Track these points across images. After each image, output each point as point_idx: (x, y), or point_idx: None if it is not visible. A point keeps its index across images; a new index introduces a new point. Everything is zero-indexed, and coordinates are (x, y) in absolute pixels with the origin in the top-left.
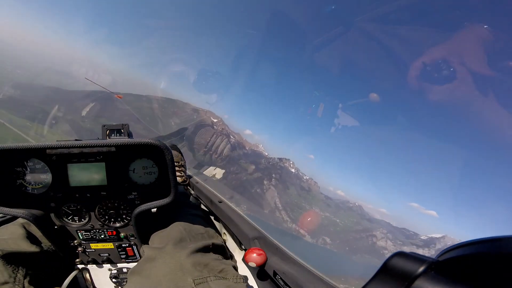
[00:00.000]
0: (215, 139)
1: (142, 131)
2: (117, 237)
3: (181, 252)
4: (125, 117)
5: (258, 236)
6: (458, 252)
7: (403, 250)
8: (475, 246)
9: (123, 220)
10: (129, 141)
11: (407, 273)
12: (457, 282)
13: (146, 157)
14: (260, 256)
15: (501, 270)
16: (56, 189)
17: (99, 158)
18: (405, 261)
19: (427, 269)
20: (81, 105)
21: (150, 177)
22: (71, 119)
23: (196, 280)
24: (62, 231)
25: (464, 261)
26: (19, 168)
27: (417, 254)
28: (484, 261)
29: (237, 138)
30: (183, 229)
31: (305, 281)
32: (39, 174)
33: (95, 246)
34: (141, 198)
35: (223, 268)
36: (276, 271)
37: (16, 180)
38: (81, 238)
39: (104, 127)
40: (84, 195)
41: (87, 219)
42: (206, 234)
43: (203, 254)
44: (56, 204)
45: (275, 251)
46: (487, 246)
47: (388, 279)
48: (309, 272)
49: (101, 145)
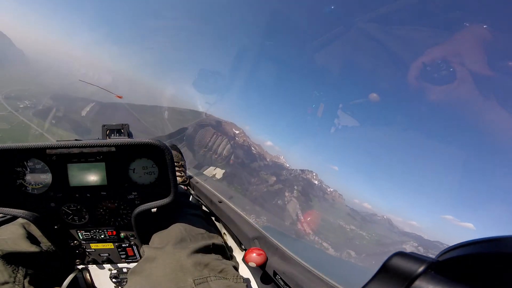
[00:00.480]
0: (215, 139)
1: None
2: (117, 237)
3: (182, 252)
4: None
5: (258, 236)
6: (458, 252)
7: (403, 250)
8: (475, 246)
9: (123, 220)
10: (129, 141)
11: (407, 273)
12: (457, 282)
13: (146, 157)
14: (260, 256)
15: (501, 270)
16: (56, 189)
17: (99, 158)
18: (405, 261)
19: (427, 269)
20: (113, 115)
21: (150, 177)
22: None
23: (197, 280)
24: (62, 231)
25: (464, 261)
26: (19, 168)
27: (417, 254)
28: (484, 261)
29: (258, 150)
30: (183, 229)
31: (305, 281)
32: (39, 174)
33: (95, 246)
34: (141, 198)
35: (224, 268)
36: (276, 271)
37: (16, 180)
38: (81, 238)
39: (104, 127)
40: (84, 195)
41: (87, 219)
42: (206, 234)
43: (204, 254)
44: (56, 204)
45: (275, 251)
46: (487, 246)
47: (388, 279)
48: (309, 272)
49: (101, 145)
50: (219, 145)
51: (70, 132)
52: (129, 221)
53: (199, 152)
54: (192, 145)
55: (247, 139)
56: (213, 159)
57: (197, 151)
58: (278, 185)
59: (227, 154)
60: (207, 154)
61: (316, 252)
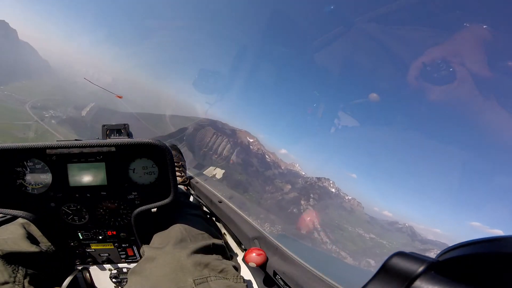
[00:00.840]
0: (215, 139)
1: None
2: (117, 237)
3: (182, 252)
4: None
5: (258, 236)
6: (458, 252)
7: (403, 250)
8: (475, 246)
9: (123, 220)
10: (129, 141)
11: (407, 273)
12: (457, 282)
13: (146, 157)
14: (260, 256)
15: (501, 270)
16: (56, 189)
17: (99, 158)
18: (405, 261)
19: (427, 269)
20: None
21: (150, 177)
22: None
23: (197, 280)
24: (62, 231)
25: (464, 261)
26: (19, 168)
27: (417, 254)
28: (484, 261)
29: (272, 157)
30: (183, 229)
31: (305, 281)
32: (39, 174)
33: (95, 246)
34: (141, 198)
35: (224, 268)
36: (276, 271)
37: (16, 180)
38: (81, 238)
39: (104, 127)
40: (84, 195)
41: (87, 219)
42: (206, 234)
43: (204, 254)
44: (56, 204)
45: (275, 251)
46: (487, 246)
47: (388, 279)
48: (309, 272)
49: (101, 145)
50: (219, 145)
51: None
52: (129, 221)
53: (199, 152)
54: (192, 145)
55: (261, 147)
56: (213, 159)
57: (197, 151)
58: (294, 193)
59: (227, 154)
60: (207, 154)
61: (333, 261)
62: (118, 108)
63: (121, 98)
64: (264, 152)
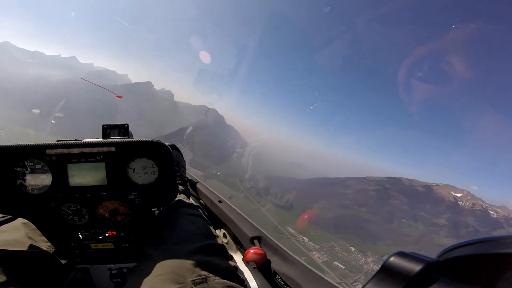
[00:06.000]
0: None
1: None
2: (117, 237)
3: (181, 252)
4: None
5: (258, 236)
6: (458, 252)
7: (403, 250)
8: (475, 246)
9: (123, 220)
10: (129, 141)
11: (406, 273)
12: (457, 282)
13: (146, 157)
14: (260, 256)
15: (501, 270)
16: (56, 189)
17: (99, 158)
18: (404, 261)
19: (427, 269)
20: None
21: (150, 177)
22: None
23: (196, 280)
24: (62, 231)
25: (464, 261)
26: (19, 168)
27: (417, 254)
28: (484, 261)
29: (502, 212)
30: (183, 229)
31: (305, 281)
32: (39, 174)
33: (95, 246)
34: (141, 198)
35: (223, 268)
36: (276, 271)
37: (16, 180)
38: (81, 238)
39: (104, 127)
40: (84, 195)
41: (87, 219)
42: (206, 234)
43: (203, 254)
44: (56, 204)
45: (275, 251)
46: (487, 246)
47: (388, 279)
48: (309, 272)
49: (101, 145)
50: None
51: None
52: (129, 221)
53: (199, 152)
54: (192, 145)
55: (479, 201)
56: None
57: (197, 151)
58: None
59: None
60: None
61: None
62: (118, 108)
63: (121, 98)
64: (486, 207)
